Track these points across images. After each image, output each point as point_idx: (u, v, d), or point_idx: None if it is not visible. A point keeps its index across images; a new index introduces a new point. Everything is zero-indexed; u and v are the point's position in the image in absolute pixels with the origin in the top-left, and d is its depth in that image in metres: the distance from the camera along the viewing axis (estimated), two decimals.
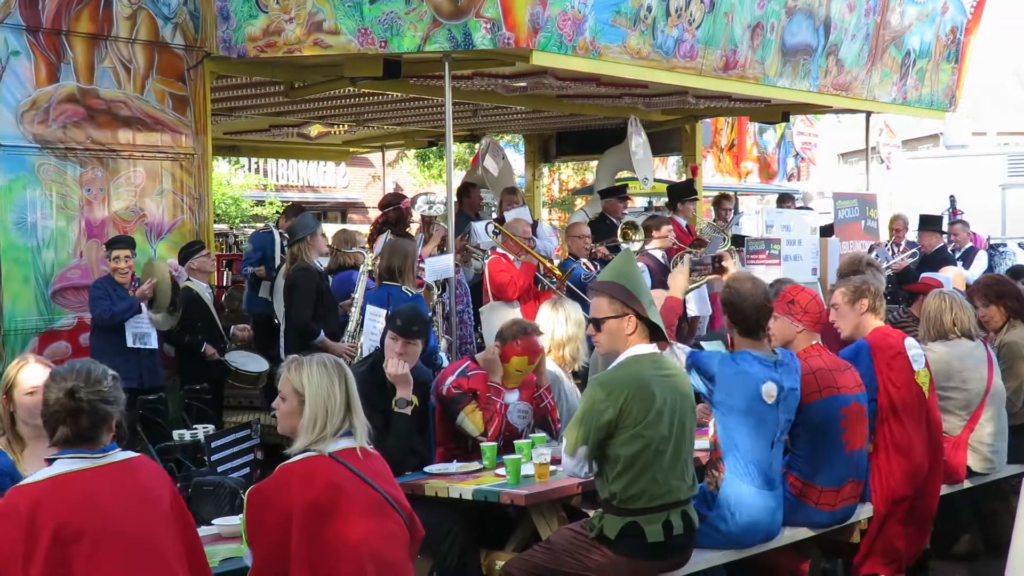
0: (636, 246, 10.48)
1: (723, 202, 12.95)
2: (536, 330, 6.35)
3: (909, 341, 6.27)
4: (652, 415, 4.82)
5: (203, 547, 3.92)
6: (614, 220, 11.59)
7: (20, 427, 4.51)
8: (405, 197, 11.10)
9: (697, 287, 9.61)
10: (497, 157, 12.88)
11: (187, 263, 8.84)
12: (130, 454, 3.82)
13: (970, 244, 13.80)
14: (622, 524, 4.85)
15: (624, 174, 13.82)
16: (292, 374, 4.13)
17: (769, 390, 5.33)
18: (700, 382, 5.36)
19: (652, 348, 5.02)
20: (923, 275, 9.63)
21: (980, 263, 13.16)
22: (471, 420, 6.08)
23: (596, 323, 5.04)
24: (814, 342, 5.85)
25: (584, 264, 10.01)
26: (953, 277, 8.95)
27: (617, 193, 12.20)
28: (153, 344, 8.38)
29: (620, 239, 10.51)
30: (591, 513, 5.11)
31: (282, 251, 9.98)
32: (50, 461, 3.67)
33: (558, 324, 6.81)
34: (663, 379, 4.93)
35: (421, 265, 8.66)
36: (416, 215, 10.20)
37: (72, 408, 3.65)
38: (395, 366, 5.85)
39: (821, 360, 5.76)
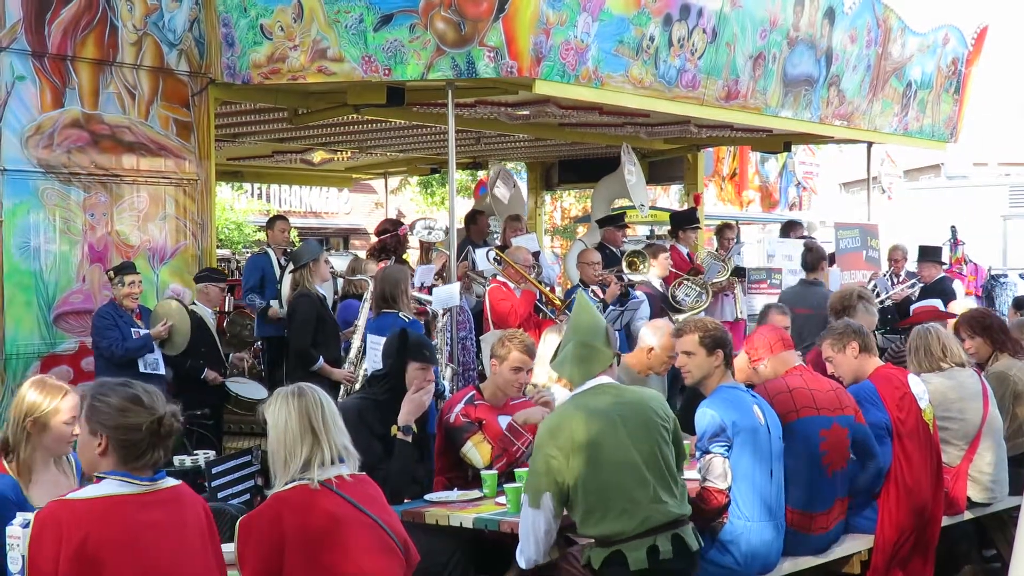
0: (642, 276, 10.52)
1: (725, 231, 12.95)
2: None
3: (912, 378, 6.28)
4: (591, 454, 4.76)
5: None
6: (613, 249, 11.57)
7: (39, 453, 4.44)
8: (402, 224, 11.13)
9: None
10: (508, 184, 12.91)
11: (199, 285, 8.87)
12: (175, 482, 3.78)
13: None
14: (605, 554, 4.81)
15: (622, 202, 13.85)
16: (265, 409, 4.18)
17: (757, 411, 5.39)
18: (721, 448, 5.26)
19: (600, 380, 5.01)
20: (913, 306, 9.63)
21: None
22: (479, 451, 5.94)
23: None
24: (796, 364, 5.94)
25: (593, 291, 9.99)
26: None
27: (615, 222, 12.19)
28: (162, 370, 8.40)
29: (627, 268, 10.53)
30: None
31: (280, 268, 9.99)
32: (100, 478, 3.64)
33: None
34: (604, 410, 4.86)
35: (421, 296, 8.66)
36: (415, 240, 10.21)
37: (163, 434, 3.67)
38: (424, 393, 5.81)
39: (801, 380, 5.79)
